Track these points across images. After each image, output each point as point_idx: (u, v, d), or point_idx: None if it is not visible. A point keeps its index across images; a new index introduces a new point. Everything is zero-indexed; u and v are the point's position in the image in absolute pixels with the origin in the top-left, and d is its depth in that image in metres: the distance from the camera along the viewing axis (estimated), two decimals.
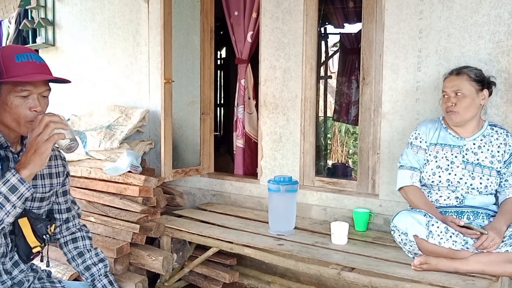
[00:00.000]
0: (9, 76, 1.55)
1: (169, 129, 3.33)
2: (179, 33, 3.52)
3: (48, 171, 1.87)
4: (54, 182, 1.87)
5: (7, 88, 1.57)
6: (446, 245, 2.15)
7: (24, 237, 1.70)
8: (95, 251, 2.00)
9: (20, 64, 1.58)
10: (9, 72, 1.56)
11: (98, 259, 1.96)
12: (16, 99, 1.58)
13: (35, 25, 4.86)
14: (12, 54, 1.59)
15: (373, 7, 2.98)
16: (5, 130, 1.65)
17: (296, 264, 2.50)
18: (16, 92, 1.57)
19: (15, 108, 1.58)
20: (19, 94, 1.58)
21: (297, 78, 3.28)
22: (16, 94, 1.57)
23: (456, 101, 2.34)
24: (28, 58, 1.61)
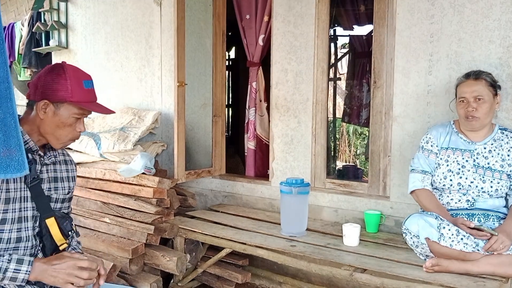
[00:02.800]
0: (76, 99, 1.69)
1: (182, 131, 3.38)
2: (192, 36, 3.56)
3: (67, 174, 1.94)
4: (71, 185, 1.95)
5: (69, 108, 1.70)
6: (458, 247, 2.18)
7: (51, 236, 1.76)
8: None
9: (86, 91, 1.74)
10: (75, 95, 1.69)
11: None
12: (71, 119, 1.72)
13: (48, 27, 4.91)
14: (80, 79, 1.73)
15: (385, 11, 3.01)
16: (36, 138, 1.74)
17: (308, 265, 2.54)
18: (75, 114, 1.72)
19: (64, 126, 1.72)
20: (77, 116, 1.73)
21: (308, 81, 3.31)
22: (74, 115, 1.72)
23: (476, 106, 2.35)
24: (91, 86, 1.77)
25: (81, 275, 1.59)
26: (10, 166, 1.13)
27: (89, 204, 3.43)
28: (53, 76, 1.69)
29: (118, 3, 4.39)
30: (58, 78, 1.69)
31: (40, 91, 1.68)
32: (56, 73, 1.70)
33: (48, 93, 1.67)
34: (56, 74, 1.69)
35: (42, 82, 1.69)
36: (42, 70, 1.74)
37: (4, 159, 1.11)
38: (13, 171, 1.13)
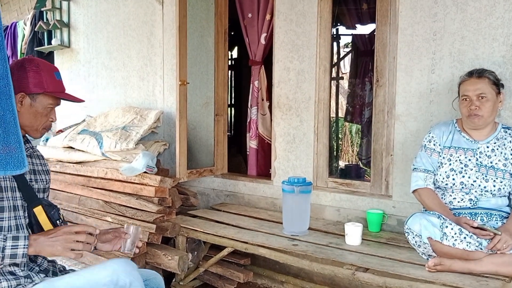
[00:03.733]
0: (50, 90, 1.81)
1: (184, 130, 3.37)
2: (194, 35, 3.56)
3: (41, 167, 1.98)
4: (48, 178, 2.00)
5: (44, 99, 1.82)
6: (460, 246, 2.17)
7: (40, 225, 1.78)
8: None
9: (58, 82, 1.87)
10: (50, 86, 1.81)
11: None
12: (46, 109, 1.84)
13: (50, 27, 4.92)
14: (51, 71, 1.85)
15: (387, 10, 3.00)
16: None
17: (310, 264, 2.53)
18: (50, 104, 1.85)
19: (41, 116, 1.83)
20: (50, 106, 1.86)
21: (310, 80, 3.30)
22: (48, 105, 1.84)
23: (479, 105, 2.33)
24: (60, 78, 1.90)
25: (78, 238, 1.60)
26: (9, 163, 1.13)
27: (91, 203, 3.43)
28: (27, 70, 1.78)
29: (120, 2, 4.39)
30: (32, 71, 1.78)
31: (16, 85, 1.69)
32: (29, 66, 1.79)
33: (24, 86, 1.76)
34: (29, 67, 1.78)
35: (16, 76, 1.74)
36: (13, 64, 1.78)
37: (4, 156, 1.11)
38: (13, 168, 1.13)
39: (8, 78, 1.12)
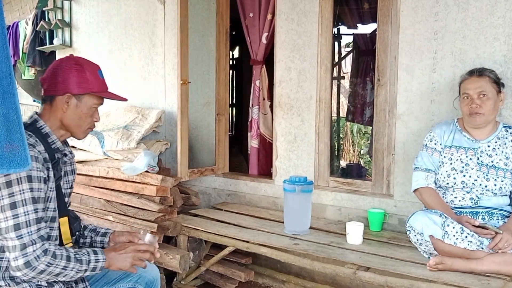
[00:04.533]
0: (96, 90, 1.79)
1: (185, 129, 3.38)
2: (195, 34, 3.56)
3: (70, 167, 1.92)
4: (73, 177, 1.96)
5: (90, 99, 1.79)
6: (462, 245, 2.17)
7: (60, 235, 1.78)
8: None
9: (102, 81, 1.84)
10: (94, 86, 1.79)
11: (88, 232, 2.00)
12: (91, 109, 1.81)
13: (52, 26, 4.93)
14: (95, 70, 1.82)
15: (388, 9, 3.00)
16: (59, 134, 1.79)
17: (312, 263, 2.53)
18: (95, 104, 1.82)
19: (86, 116, 1.80)
20: (95, 106, 1.82)
21: (312, 79, 3.31)
22: (93, 105, 1.81)
23: (480, 103, 2.34)
24: (103, 76, 1.87)
25: (144, 256, 1.76)
26: (13, 161, 1.13)
27: (92, 202, 3.44)
28: (72, 70, 1.74)
29: (121, 1, 4.40)
30: (77, 71, 1.75)
31: (61, 85, 1.72)
32: (74, 66, 1.75)
33: (70, 86, 1.73)
34: (74, 67, 1.75)
35: (61, 77, 1.72)
36: (55, 65, 1.77)
37: (7, 154, 1.11)
38: (16, 166, 1.13)
39: (12, 77, 1.12)
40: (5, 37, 1.13)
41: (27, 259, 1.51)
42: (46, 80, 1.76)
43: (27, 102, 6.65)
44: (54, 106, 1.74)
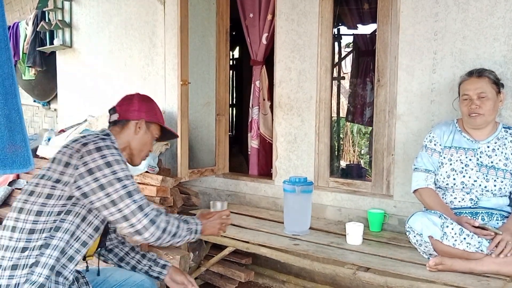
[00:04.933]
0: (162, 122, 2.07)
1: (185, 130, 3.38)
2: (195, 35, 3.57)
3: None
4: None
5: (155, 129, 2.04)
6: (461, 247, 2.17)
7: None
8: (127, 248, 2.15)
9: (163, 116, 2.10)
10: (162, 119, 2.07)
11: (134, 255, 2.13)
12: (152, 138, 2.05)
13: (52, 27, 4.94)
14: (157, 105, 2.09)
15: (388, 9, 3.00)
16: (125, 155, 1.96)
17: (311, 263, 2.53)
18: (156, 134, 2.06)
19: (148, 144, 2.02)
20: (155, 137, 2.06)
21: (312, 80, 3.31)
22: (155, 135, 2.05)
23: (480, 104, 2.34)
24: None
25: (228, 222, 2.01)
26: (15, 162, 1.13)
27: None
28: (145, 101, 2.02)
29: (122, 2, 4.40)
30: (152, 103, 2.05)
31: (136, 112, 1.96)
32: (146, 99, 2.04)
33: (144, 114, 1.97)
34: (147, 100, 2.04)
35: (137, 106, 1.97)
36: (129, 96, 2.03)
37: (10, 155, 1.12)
38: (19, 166, 1.14)
39: (14, 78, 1.13)
40: (7, 38, 1.13)
41: (150, 217, 1.68)
42: (122, 107, 1.98)
43: (27, 102, 6.65)
44: (126, 129, 1.95)
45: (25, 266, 1.59)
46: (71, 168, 1.65)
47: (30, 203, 1.65)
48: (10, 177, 3.92)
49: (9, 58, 1.12)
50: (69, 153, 1.68)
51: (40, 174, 1.71)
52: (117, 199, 1.63)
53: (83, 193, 1.63)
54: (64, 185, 1.64)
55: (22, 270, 1.58)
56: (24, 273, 1.58)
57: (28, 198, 1.66)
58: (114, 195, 1.63)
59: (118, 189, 1.64)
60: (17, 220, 1.64)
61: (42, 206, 1.64)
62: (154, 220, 1.68)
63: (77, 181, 1.64)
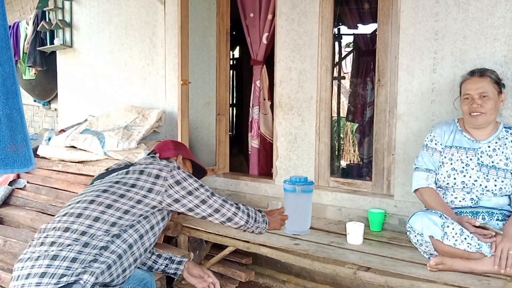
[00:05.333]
0: (192, 158, 2.46)
1: (185, 130, 3.38)
2: (195, 35, 3.57)
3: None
4: None
5: (189, 165, 2.45)
6: (461, 246, 2.17)
7: None
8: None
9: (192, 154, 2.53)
10: (192, 157, 2.47)
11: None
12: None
13: (52, 26, 4.94)
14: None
15: (389, 9, 3.00)
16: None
17: (312, 263, 2.54)
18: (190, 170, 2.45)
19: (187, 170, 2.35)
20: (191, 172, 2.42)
21: (312, 80, 3.31)
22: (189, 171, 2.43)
23: (481, 103, 2.34)
24: None
25: (285, 218, 2.31)
26: (16, 161, 1.14)
27: None
28: (180, 143, 2.50)
29: (122, 2, 4.40)
30: (184, 145, 2.53)
31: (174, 150, 2.35)
32: (180, 142, 2.62)
33: (181, 152, 2.38)
34: (180, 142, 2.57)
35: (173, 145, 2.38)
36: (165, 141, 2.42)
37: (11, 154, 1.12)
38: (20, 166, 1.14)
39: (15, 77, 1.13)
40: (8, 39, 1.13)
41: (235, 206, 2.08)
42: (160, 148, 2.34)
43: (28, 102, 6.65)
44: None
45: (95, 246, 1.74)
46: (161, 180, 1.94)
47: (121, 203, 1.86)
48: (11, 177, 3.91)
49: (10, 57, 1.13)
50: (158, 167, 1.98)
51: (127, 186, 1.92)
52: (206, 198, 2.01)
53: (175, 199, 1.95)
54: (156, 194, 1.92)
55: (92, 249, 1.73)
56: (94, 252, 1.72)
57: (118, 199, 1.87)
58: (202, 196, 2.00)
59: (203, 192, 2.01)
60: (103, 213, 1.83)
61: (131, 207, 1.87)
62: (238, 207, 2.08)
63: (167, 190, 1.94)
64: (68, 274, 1.61)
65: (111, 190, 1.89)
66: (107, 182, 1.94)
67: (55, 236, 1.74)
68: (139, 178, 1.92)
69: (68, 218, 1.80)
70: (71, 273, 1.62)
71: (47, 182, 3.79)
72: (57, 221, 1.81)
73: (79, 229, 1.75)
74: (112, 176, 1.99)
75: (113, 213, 1.82)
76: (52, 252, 1.67)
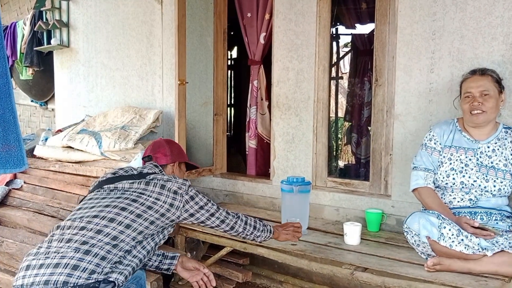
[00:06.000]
0: (188, 160, 2.61)
1: (183, 130, 3.37)
2: (193, 34, 3.56)
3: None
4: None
5: (183, 165, 2.56)
6: (457, 249, 2.15)
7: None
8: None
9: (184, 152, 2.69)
10: (186, 158, 2.58)
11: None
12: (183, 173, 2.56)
13: (50, 26, 4.93)
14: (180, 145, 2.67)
15: (386, 9, 3.00)
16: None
17: (309, 264, 2.53)
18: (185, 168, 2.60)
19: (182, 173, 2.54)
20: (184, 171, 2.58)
21: (309, 79, 3.30)
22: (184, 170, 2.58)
23: (482, 101, 2.33)
24: None
25: (299, 231, 2.53)
26: (9, 162, 1.13)
27: None
28: (173, 145, 2.53)
29: (119, 1, 4.39)
30: (178, 145, 2.61)
31: (170, 157, 2.43)
32: (173, 142, 2.61)
33: (176, 157, 2.46)
34: (174, 143, 2.59)
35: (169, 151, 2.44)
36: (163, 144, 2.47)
37: (3, 154, 1.11)
38: (12, 166, 1.13)
39: (8, 77, 1.12)
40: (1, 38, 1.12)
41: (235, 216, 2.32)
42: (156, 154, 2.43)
43: (25, 102, 6.63)
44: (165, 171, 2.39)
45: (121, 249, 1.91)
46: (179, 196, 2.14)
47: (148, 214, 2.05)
48: (8, 177, 3.90)
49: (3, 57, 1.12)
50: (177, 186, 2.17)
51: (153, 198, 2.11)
52: (214, 212, 2.23)
53: (190, 213, 2.17)
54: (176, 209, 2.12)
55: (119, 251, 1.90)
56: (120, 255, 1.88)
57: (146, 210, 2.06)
58: (211, 210, 2.23)
59: (211, 206, 2.23)
60: (133, 221, 1.99)
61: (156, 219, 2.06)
62: (238, 216, 2.32)
63: (185, 205, 2.15)
64: (97, 271, 1.74)
65: (140, 200, 2.07)
66: (133, 191, 2.12)
67: (86, 236, 1.86)
68: (161, 193, 2.12)
69: (100, 221, 1.94)
70: (100, 271, 1.74)
71: (44, 182, 3.77)
72: (85, 221, 1.94)
73: (111, 233, 1.90)
74: (132, 185, 2.15)
75: (142, 222, 2.01)
76: (84, 247, 1.80)
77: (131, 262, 1.91)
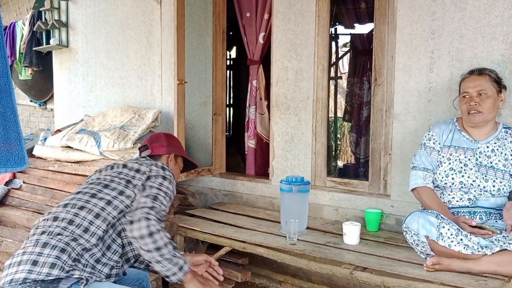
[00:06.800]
0: (185, 155, 2.52)
1: (182, 129, 3.37)
2: (192, 34, 3.55)
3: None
4: None
5: (180, 162, 2.50)
6: (456, 248, 2.15)
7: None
8: None
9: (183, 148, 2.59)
10: (184, 153, 2.52)
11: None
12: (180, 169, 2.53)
13: (49, 26, 4.92)
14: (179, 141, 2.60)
15: (385, 8, 3.00)
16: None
17: (308, 263, 2.53)
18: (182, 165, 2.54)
19: (176, 175, 2.45)
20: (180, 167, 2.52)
21: (309, 79, 3.30)
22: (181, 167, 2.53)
23: (479, 101, 2.33)
24: None
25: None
26: (10, 161, 1.13)
27: None
28: (173, 138, 2.48)
29: (118, 1, 4.39)
30: (177, 139, 2.54)
31: (166, 147, 2.36)
32: (173, 136, 2.53)
33: (174, 149, 2.41)
34: (173, 137, 2.52)
35: (166, 142, 2.38)
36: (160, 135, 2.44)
37: (4, 153, 1.11)
38: (13, 165, 1.13)
39: (8, 76, 1.12)
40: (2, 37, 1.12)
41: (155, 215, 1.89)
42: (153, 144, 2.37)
43: (24, 102, 6.63)
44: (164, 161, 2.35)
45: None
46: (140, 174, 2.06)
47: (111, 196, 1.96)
48: (7, 177, 3.89)
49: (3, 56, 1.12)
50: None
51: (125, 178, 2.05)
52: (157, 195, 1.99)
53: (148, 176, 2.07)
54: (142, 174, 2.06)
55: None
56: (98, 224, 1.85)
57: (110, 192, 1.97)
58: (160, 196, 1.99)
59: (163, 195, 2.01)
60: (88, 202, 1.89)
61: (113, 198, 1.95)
62: (171, 240, 1.88)
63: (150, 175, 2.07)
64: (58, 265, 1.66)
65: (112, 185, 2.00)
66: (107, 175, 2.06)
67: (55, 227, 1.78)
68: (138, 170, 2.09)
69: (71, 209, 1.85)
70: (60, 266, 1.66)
71: (43, 182, 3.77)
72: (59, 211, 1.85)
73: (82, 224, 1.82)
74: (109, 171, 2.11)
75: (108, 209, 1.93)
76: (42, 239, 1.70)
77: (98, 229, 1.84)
